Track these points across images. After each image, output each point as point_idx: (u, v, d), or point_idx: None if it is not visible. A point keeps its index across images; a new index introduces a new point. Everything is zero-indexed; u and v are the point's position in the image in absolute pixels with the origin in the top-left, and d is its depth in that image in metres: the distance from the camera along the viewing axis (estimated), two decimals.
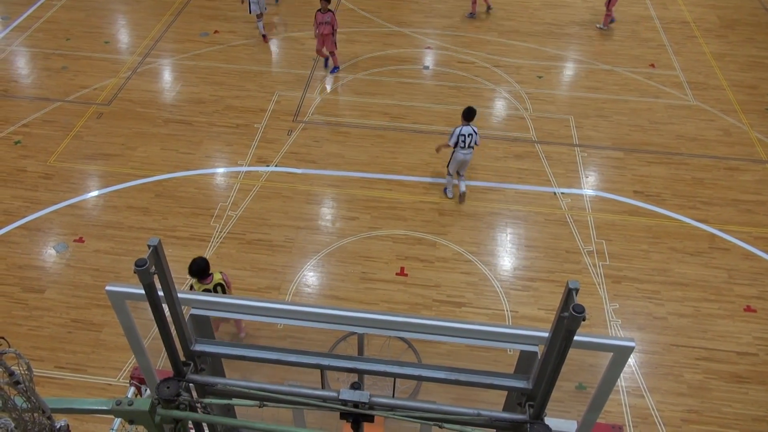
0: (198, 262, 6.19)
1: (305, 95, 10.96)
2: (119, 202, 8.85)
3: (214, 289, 6.35)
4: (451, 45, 12.41)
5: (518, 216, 8.84)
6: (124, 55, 11.85)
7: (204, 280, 6.31)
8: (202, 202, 8.89)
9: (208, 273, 6.29)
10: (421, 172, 9.49)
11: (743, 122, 10.65)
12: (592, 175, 9.54)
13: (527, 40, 12.66)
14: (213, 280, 6.36)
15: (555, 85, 11.44)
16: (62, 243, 8.25)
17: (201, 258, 6.25)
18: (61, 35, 12.35)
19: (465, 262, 8.16)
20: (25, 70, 11.42)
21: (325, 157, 9.71)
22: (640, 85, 11.48)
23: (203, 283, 6.31)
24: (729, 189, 9.36)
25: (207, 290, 6.30)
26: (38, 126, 10.12)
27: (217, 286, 6.39)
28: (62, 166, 9.41)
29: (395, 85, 11.27)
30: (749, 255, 8.35)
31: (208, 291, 6.28)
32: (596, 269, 8.10)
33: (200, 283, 6.31)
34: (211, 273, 6.34)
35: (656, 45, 12.63)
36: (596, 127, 10.46)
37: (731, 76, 11.75)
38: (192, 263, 6.19)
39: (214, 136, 10.05)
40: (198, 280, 6.29)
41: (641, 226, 8.74)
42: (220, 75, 11.39)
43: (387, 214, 8.81)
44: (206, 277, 6.31)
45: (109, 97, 10.77)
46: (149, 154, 9.66)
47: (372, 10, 13.46)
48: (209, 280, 6.34)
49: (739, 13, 13.80)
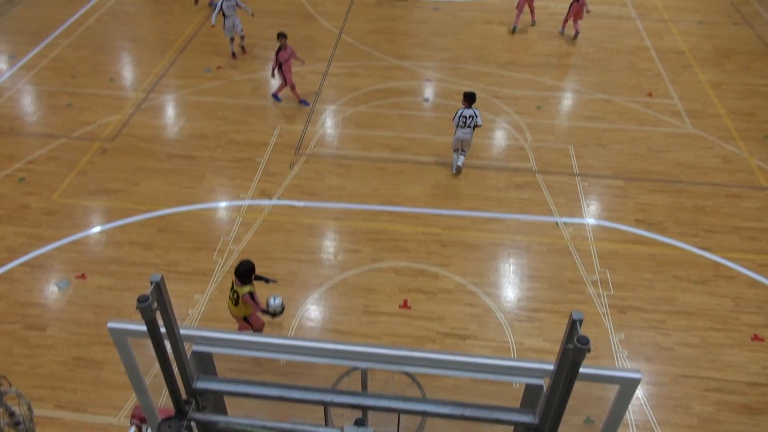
0: (242, 265, 6.77)
1: (307, 128, 11.07)
2: (122, 237, 8.87)
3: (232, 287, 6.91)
4: (450, 77, 12.59)
5: (521, 246, 8.82)
6: (128, 92, 12.02)
7: (239, 281, 6.82)
8: (204, 236, 8.91)
9: (244, 280, 6.79)
10: (422, 204, 9.52)
11: (742, 149, 10.70)
12: (594, 204, 9.56)
13: (525, 71, 12.83)
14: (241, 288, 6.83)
15: (554, 115, 11.55)
16: (64, 280, 8.24)
17: (246, 263, 6.79)
18: (67, 73, 12.56)
19: (468, 294, 8.12)
20: (31, 108, 11.59)
21: (327, 190, 9.75)
22: (638, 114, 11.58)
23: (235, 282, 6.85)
24: (731, 216, 9.35)
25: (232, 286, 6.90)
26: (43, 163, 10.21)
27: (235, 292, 6.91)
28: (66, 202, 9.46)
29: (396, 118, 11.39)
30: (754, 283, 8.30)
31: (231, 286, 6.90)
32: (601, 299, 8.05)
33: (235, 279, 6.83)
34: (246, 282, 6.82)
35: (653, 74, 12.79)
36: (596, 156, 10.52)
37: (728, 104, 11.86)
38: (239, 264, 6.78)
39: (217, 170, 10.12)
40: (243, 283, 6.82)
41: (644, 254, 8.71)
42: (222, 110, 11.53)
43: (389, 246, 8.80)
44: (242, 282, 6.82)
45: (114, 133, 10.89)
46: (152, 189, 9.71)
47: (371, 45, 13.70)
48: (239, 285, 6.85)
49: (734, 42, 14.01)
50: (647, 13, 15.26)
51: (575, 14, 13.84)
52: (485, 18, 14.87)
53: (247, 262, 6.82)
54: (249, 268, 6.80)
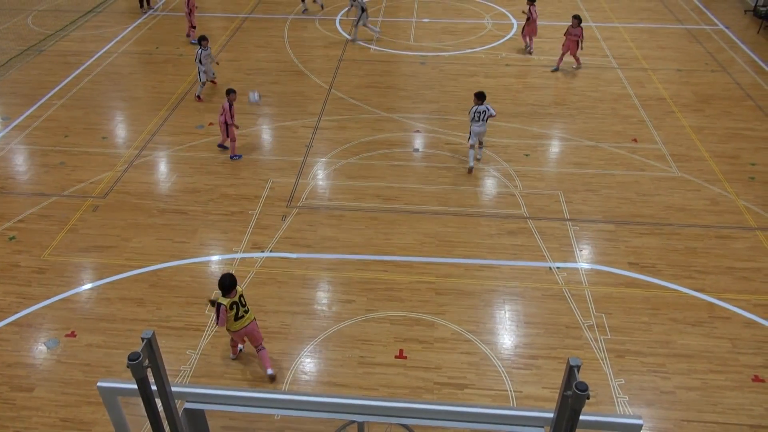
0: (227, 278, 7.02)
1: (299, 181, 11.16)
2: (113, 294, 8.77)
3: (239, 300, 7.12)
4: (439, 128, 12.82)
5: (515, 292, 8.79)
6: (120, 149, 12.14)
7: (229, 293, 7.05)
8: (196, 290, 8.82)
9: (232, 289, 7.05)
10: (415, 252, 9.52)
11: (729, 191, 10.87)
12: (586, 249, 9.60)
13: (512, 120, 13.10)
14: (236, 293, 7.11)
15: (542, 162, 11.73)
16: (53, 338, 8.08)
17: (229, 274, 7.06)
18: (60, 132, 12.69)
19: (465, 342, 8.02)
20: (23, 167, 11.64)
21: (320, 241, 9.75)
22: (625, 159, 11.79)
23: (229, 297, 7.05)
24: (723, 257, 9.40)
25: (233, 303, 7.07)
26: (34, 221, 10.19)
27: (240, 297, 7.15)
28: (56, 260, 9.39)
29: (387, 168, 11.53)
30: (751, 323, 8.27)
31: (234, 303, 7.07)
32: (598, 344, 7.97)
33: (227, 297, 7.05)
34: (235, 289, 7.09)
35: (637, 121, 13.09)
36: (586, 201, 10.64)
37: (712, 148, 12.11)
38: (222, 277, 7.02)
39: (209, 224, 10.13)
40: (223, 294, 7.05)
41: (639, 297, 8.69)
42: (215, 164, 11.63)
43: (383, 295, 8.75)
44: (230, 292, 7.05)
45: (105, 190, 10.93)
46: (144, 245, 9.68)
47: (361, 98, 13.99)
48: (234, 293, 7.09)
49: (713, 88, 14.43)
50: (627, 62, 15.76)
51: (569, 49, 14.93)
52: (471, 71, 15.28)
53: (228, 276, 7.04)
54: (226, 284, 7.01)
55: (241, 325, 7.22)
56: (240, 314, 7.15)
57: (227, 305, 7.01)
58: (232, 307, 7.06)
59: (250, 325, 7.31)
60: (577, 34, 14.72)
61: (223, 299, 7.04)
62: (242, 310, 7.16)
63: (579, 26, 14.64)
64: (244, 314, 7.19)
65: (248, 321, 7.28)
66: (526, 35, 16.22)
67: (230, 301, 7.03)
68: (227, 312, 7.05)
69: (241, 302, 7.15)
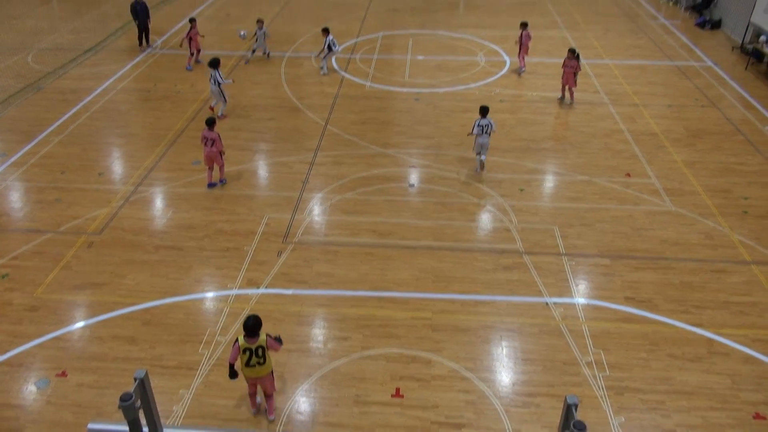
0: (252, 319, 6.72)
1: (294, 216, 11.17)
2: (105, 332, 8.66)
3: (256, 351, 6.78)
4: (434, 163, 12.92)
5: (512, 328, 8.73)
6: (117, 186, 12.16)
7: (250, 338, 6.75)
8: (190, 328, 8.73)
9: (256, 333, 6.74)
10: (411, 288, 9.48)
11: (723, 225, 10.92)
12: (582, 284, 9.57)
13: (506, 155, 13.23)
14: (257, 341, 6.77)
15: (537, 196, 11.80)
16: (44, 378, 7.94)
17: (256, 316, 6.75)
18: (57, 169, 12.73)
19: (462, 380, 7.92)
20: (18, 204, 11.63)
21: (315, 277, 9.71)
22: (619, 193, 11.87)
23: (247, 341, 6.76)
24: (719, 291, 9.39)
25: (248, 349, 6.76)
26: (28, 258, 10.12)
27: (259, 348, 6.79)
28: (49, 297, 9.30)
29: (382, 204, 11.56)
30: (749, 359, 8.21)
31: (249, 350, 6.77)
32: (597, 381, 7.88)
33: (245, 339, 6.76)
34: (259, 334, 6.77)
35: (629, 155, 13.23)
36: (581, 235, 10.66)
37: (704, 182, 12.22)
38: (248, 318, 6.71)
39: (204, 260, 10.08)
40: (245, 336, 6.75)
41: (637, 333, 8.63)
42: (210, 200, 11.65)
43: (379, 332, 8.67)
44: (253, 337, 6.75)
45: (101, 227, 10.90)
46: (138, 282, 9.61)
47: (356, 134, 14.13)
48: (255, 340, 6.77)
49: (703, 123, 14.65)
50: (618, 98, 16.02)
51: (567, 82, 15.35)
52: (464, 107, 15.49)
53: (253, 318, 6.75)
54: (259, 321, 6.77)
55: (252, 374, 6.96)
56: (252, 362, 6.86)
57: (241, 346, 6.78)
58: (245, 352, 6.79)
59: (265, 377, 7.04)
60: (573, 66, 15.05)
61: (241, 339, 6.79)
62: (255, 360, 6.84)
63: (575, 58, 15.00)
64: (257, 364, 6.88)
65: (262, 373, 6.97)
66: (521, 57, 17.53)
67: (245, 346, 6.77)
68: (239, 352, 6.81)
69: (257, 353, 6.80)
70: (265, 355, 6.88)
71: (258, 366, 6.90)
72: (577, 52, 15.12)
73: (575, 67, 15.06)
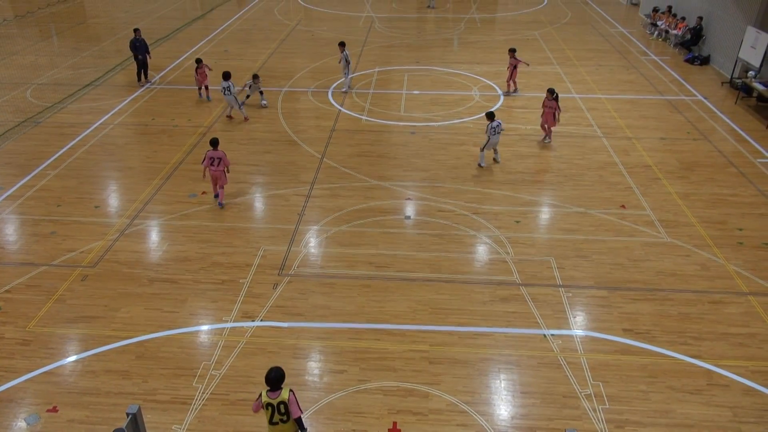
0: (274, 371, 6.51)
1: (290, 249, 11.15)
2: (98, 366, 8.53)
3: (278, 407, 6.46)
4: (431, 195, 12.98)
5: (510, 361, 8.64)
6: (112, 218, 12.14)
7: (273, 392, 6.49)
8: (184, 362, 8.61)
9: (278, 386, 6.49)
10: (408, 320, 9.40)
11: (718, 256, 10.94)
12: (580, 315, 9.53)
13: (502, 188, 13.31)
14: (279, 396, 6.48)
15: (533, 228, 11.83)
16: (34, 414, 7.78)
17: (278, 368, 6.54)
18: (53, 202, 12.72)
19: (460, 413, 7.80)
20: (13, 237, 11.58)
21: (312, 309, 9.63)
22: (614, 225, 11.92)
23: (270, 396, 6.49)
24: (717, 323, 9.35)
25: (270, 404, 6.47)
26: (21, 291, 10.03)
27: (281, 404, 6.48)
28: (41, 331, 9.18)
29: (378, 236, 11.56)
30: (750, 390, 8.12)
31: (271, 405, 6.48)
32: (596, 414, 7.77)
33: (268, 394, 6.49)
34: (281, 387, 6.51)
35: (624, 188, 13.33)
36: (577, 267, 10.66)
37: (699, 214, 12.29)
38: (270, 371, 6.49)
39: (199, 293, 10.01)
40: (268, 390, 6.50)
41: (636, 365, 8.56)
42: (206, 233, 11.63)
43: (376, 365, 8.56)
44: (275, 390, 6.49)
45: (95, 260, 10.84)
46: (132, 315, 9.51)
47: (353, 167, 14.22)
48: (277, 394, 6.48)
49: (696, 156, 14.82)
50: (612, 132, 16.23)
51: (547, 121, 15.30)
52: (460, 140, 15.65)
53: (277, 368, 6.55)
54: (281, 372, 6.54)
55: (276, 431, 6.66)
56: (275, 420, 6.53)
57: (263, 401, 6.50)
58: (267, 407, 6.50)
59: None
60: (552, 106, 15.07)
61: (264, 393, 6.52)
62: (278, 417, 6.50)
63: (553, 99, 15.03)
64: (279, 422, 6.54)
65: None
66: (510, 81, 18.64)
67: (267, 401, 6.49)
68: (262, 407, 6.53)
69: (279, 410, 6.48)
70: (288, 413, 6.51)
71: (281, 424, 6.55)
72: (555, 93, 15.15)
73: (554, 107, 15.02)
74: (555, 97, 15.08)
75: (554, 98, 15.05)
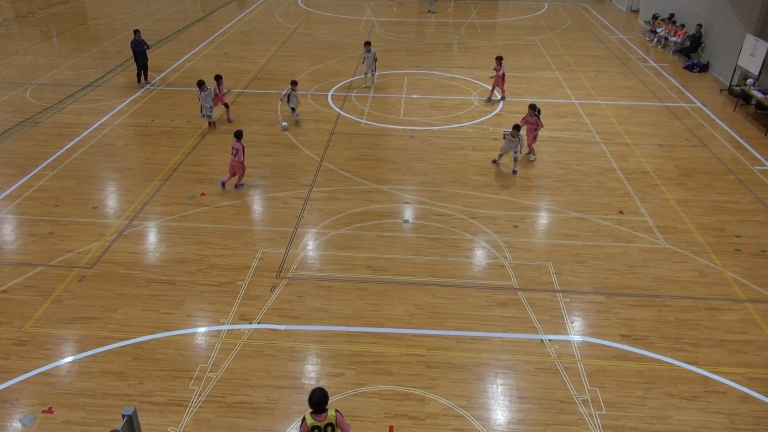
0: (317, 393, 6.13)
1: (288, 251, 11.14)
2: (94, 367, 8.51)
3: (325, 429, 6.16)
4: (429, 199, 12.98)
5: (507, 365, 8.63)
6: (111, 219, 12.13)
7: (318, 415, 6.17)
8: (181, 363, 8.59)
9: (324, 408, 6.15)
10: (405, 324, 9.40)
11: (716, 263, 10.95)
12: (577, 321, 9.53)
13: (500, 193, 13.32)
14: (326, 417, 6.18)
15: (531, 233, 11.84)
16: (29, 415, 7.76)
17: (321, 390, 6.17)
18: (51, 202, 12.71)
19: (456, 418, 7.79)
20: (11, 237, 11.56)
21: (309, 312, 9.62)
22: (612, 231, 11.93)
23: (315, 419, 6.16)
24: (714, 329, 9.35)
25: (317, 427, 6.14)
26: (18, 292, 10.01)
27: (328, 426, 6.17)
28: (38, 332, 9.16)
29: (376, 239, 11.56)
30: (746, 397, 8.12)
31: (318, 428, 6.15)
32: (593, 419, 7.77)
33: (313, 417, 6.17)
34: (326, 409, 6.18)
35: (622, 194, 13.35)
36: (575, 272, 10.66)
37: (697, 220, 12.31)
38: (312, 393, 6.13)
39: (197, 295, 9.99)
40: (312, 412, 6.18)
41: (633, 371, 8.55)
42: (204, 235, 11.62)
43: (373, 368, 8.55)
44: (321, 413, 6.17)
45: (93, 260, 10.83)
46: (129, 316, 9.49)
47: (351, 170, 14.22)
48: (323, 417, 6.17)
49: (695, 162, 14.85)
50: (610, 138, 16.25)
51: (528, 135, 14.86)
52: (459, 144, 15.67)
53: (319, 391, 6.18)
54: (325, 394, 6.21)
55: None
56: None
57: (309, 425, 6.17)
58: (313, 430, 6.19)
59: None
60: (533, 122, 14.60)
61: (308, 416, 6.21)
62: None
63: (535, 114, 14.58)
64: None
65: None
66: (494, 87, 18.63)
67: (314, 424, 6.17)
68: (308, 430, 6.20)
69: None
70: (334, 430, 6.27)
71: None
72: (537, 108, 14.71)
73: (536, 123, 14.62)
74: (537, 112, 14.65)
75: (536, 114, 14.61)
